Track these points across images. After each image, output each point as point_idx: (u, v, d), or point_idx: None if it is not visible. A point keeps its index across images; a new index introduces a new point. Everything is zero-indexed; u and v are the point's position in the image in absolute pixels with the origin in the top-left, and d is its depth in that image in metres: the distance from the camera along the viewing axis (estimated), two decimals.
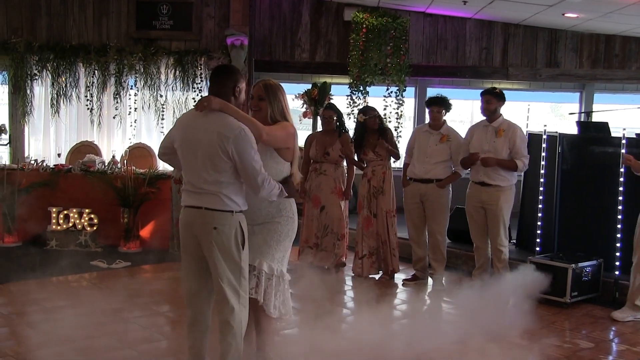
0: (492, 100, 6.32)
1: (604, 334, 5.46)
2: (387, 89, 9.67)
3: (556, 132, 7.17)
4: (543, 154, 7.09)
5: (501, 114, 6.40)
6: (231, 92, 3.78)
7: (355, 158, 7.14)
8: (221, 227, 3.69)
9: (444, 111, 6.68)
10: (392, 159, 7.14)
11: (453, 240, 7.78)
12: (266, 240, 4.00)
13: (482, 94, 6.42)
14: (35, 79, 9.72)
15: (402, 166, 7.14)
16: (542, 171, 7.10)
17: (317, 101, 9.81)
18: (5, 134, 8.65)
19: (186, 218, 3.81)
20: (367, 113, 7.04)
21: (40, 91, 9.87)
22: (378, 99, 9.73)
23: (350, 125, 8.02)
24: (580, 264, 6.17)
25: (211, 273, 3.76)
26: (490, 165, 6.23)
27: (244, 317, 3.78)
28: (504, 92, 6.49)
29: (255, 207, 3.97)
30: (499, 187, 6.27)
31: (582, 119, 9.22)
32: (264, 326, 4.12)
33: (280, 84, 4.10)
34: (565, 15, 8.97)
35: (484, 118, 6.44)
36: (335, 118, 7.15)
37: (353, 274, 7.10)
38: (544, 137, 7.07)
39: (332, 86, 10.03)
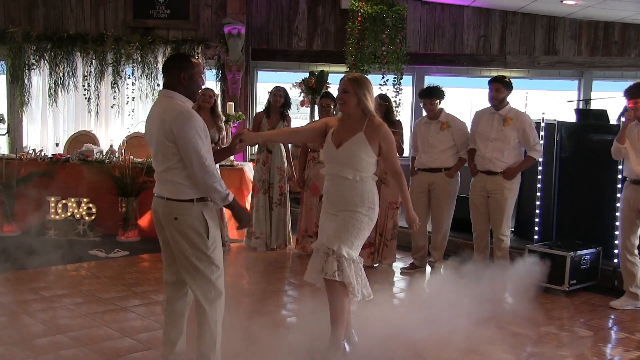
0: (502, 89, 6.24)
1: (602, 322, 5.44)
2: (383, 77, 9.62)
3: (554, 120, 7.14)
4: (541, 141, 7.05)
5: (508, 102, 6.34)
6: (178, 81, 3.71)
7: None
8: (181, 217, 3.67)
9: (437, 101, 6.64)
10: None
11: (453, 229, 7.76)
12: (347, 228, 4.14)
13: (490, 82, 6.34)
14: (33, 69, 9.68)
15: (409, 157, 7.13)
16: (540, 159, 7.07)
17: (315, 90, 9.76)
18: (4, 123, 8.62)
19: (153, 207, 3.83)
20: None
21: (38, 81, 9.83)
22: (375, 87, 9.66)
23: None
24: (579, 252, 6.15)
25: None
26: (514, 176, 6.20)
27: (219, 304, 3.77)
28: (510, 80, 6.42)
29: (339, 194, 4.20)
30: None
31: (580, 107, 9.18)
32: (344, 308, 4.22)
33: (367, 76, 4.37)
34: (564, 2, 8.91)
35: (489, 105, 6.38)
36: (332, 106, 7.11)
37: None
38: (542, 124, 7.03)
39: (330, 75, 9.98)
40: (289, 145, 7.97)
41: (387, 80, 9.61)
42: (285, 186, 7.48)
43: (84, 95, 9.64)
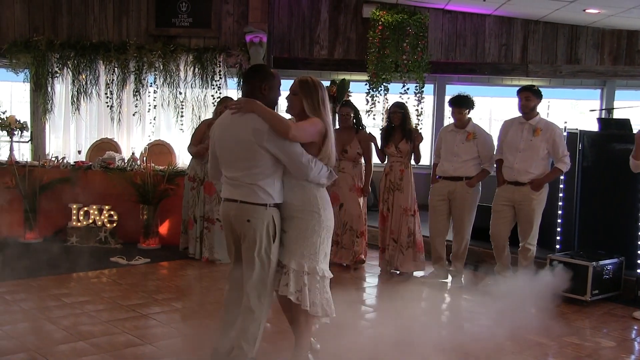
0: (532, 98, 6.17)
1: (625, 333, 5.39)
2: (403, 86, 9.61)
3: (577, 129, 7.09)
4: None
5: (538, 112, 6.27)
6: (259, 91, 3.94)
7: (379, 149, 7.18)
8: (254, 219, 3.87)
9: (467, 110, 6.60)
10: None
11: (474, 238, 7.73)
12: (292, 237, 4.00)
13: (519, 91, 6.26)
14: (56, 77, 9.78)
15: (431, 165, 7.12)
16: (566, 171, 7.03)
17: (336, 98, 9.75)
18: (27, 131, 8.71)
19: (224, 210, 4.04)
20: (391, 107, 7.07)
21: (61, 89, 9.93)
22: (396, 96, 9.67)
23: (369, 122, 7.98)
24: (601, 262, 6.10)
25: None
26: (541, 187, 6.15)
27: (266, 306, 3.95)
28: (539, 89, 6.37)
29: (286, 200, 4.04)
30: None
31: (602, 116, 9.11)
32: (300, 324, 4.09)
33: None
34: (587, 11, 8.87)
35: (519, 115, 6.31)
36: (352, 115, 7.12)
37: (381, 269, 7.11)
38: (565, 134, 6.99)
39: (351, 83, 9.97)
40: None
41: (408, 89, 9.60)
42: None
43: (106, 103, 9.73)
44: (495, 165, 6.52)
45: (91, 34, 9.91)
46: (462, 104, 6.58)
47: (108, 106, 9.73)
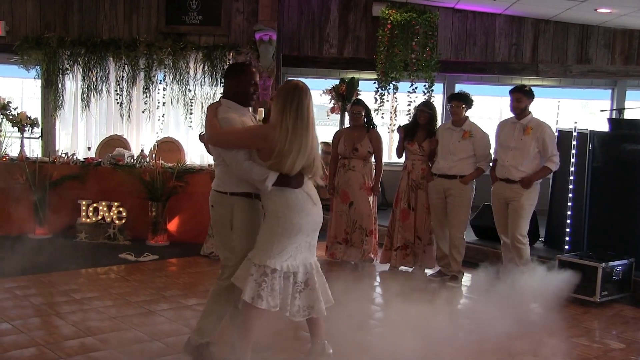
0: (523, 99, 6.23)
1: (636, 335, 5.35)
2: (411, 85, 9.59)
3: (587, 129, 7.06)
4: (573, 151, 6.99)
5: (530, 112, 6.30)
6: (228, 88, 4.26)
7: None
8: (217, 205, 4.19)
9: (464, 106, 6.61)
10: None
11: (480, 237, 7.71)
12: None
13: (511, 92, 6.32)
14: (67, 74, 9.83)
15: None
16: (571, 169, 7.00)
17: (345, 97, 9.78)
18: (37, 127, 8.74)
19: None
20: (419, 106, 7.08)
21: (71, 85, 9.97)
22: (404, 95, 9.67)
23: (377, 121, 7.97)
24: (611, 263, 6.07)
25: None
26: (530, 184, 6.16)
27: (227, 288, 4.16)
28: (533, 88, 6.41)
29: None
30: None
31: (613, 116, 9.07)
32: (243, 314, 4.15)
33: (304, 84, 4.02)
34: (598, 10, 8.82)
35: (513, 115, 6.37)
36: (363, 113, 7.12)
37: (383, 264, 7.11)
38: (574, 134, 6.96)
39: (360, 82, 9.99)
40: (320, 152, 7.97)
41: (416, 88, 9.58)
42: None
43: (116, 100, 9.76)
44: (491, 165, 6.56)
45: (102, 31, 9.94)
46: (460, 97, 6.63)
47: (118, 103, 9.76)
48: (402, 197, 7.01)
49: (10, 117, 8.50)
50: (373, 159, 7.17)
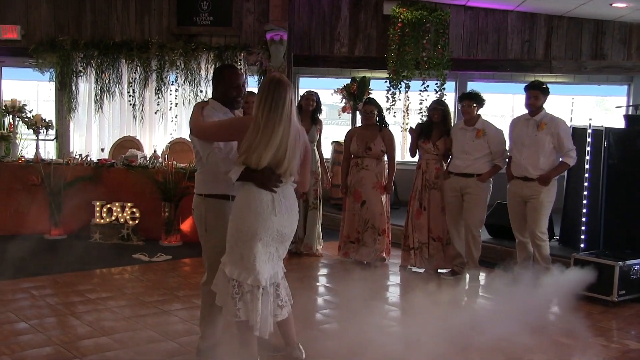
0: (540, 96, 6.17)
1: None
2: (423, 84, 9.56)
3: (602, 126, 7.00)
4: (588, 148, 6.93)
5: (543, 108, 6.26)
6: (214, 90, 4.28)
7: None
8: (195, 208, 4.22)
9: (475, 105, 6.56)
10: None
11: (493, 236, 7.66)
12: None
13: (528, 89, 6.25)
14: (80, 76, 9.89)
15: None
16: (586, 166, 6.94)
17: (357, 96, 9.76)
18: (52, 129, 8.79)
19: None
20: (432, 104, 7.08)
21: (85, 87, 10.04)
22: (416, 93, 9.64)
23: (389, 120, 7.96)
24: (628, 262, 6.00)
25: None
26: (549, 181, 6.11)
27: (209, 292, 4.05)
28: (547, 85, 6.35)
29: None
30: None
31: (629, 113, 8.98)
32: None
33: (282, 78, 3.92)
34: (613, 5, 8.74)
35: (526, 112, 6.32)
36: (376, 113, 7.11)
37: (395, 264, 7.10)
38: (589, 131, 6.90)
39: (372, 81, 9.97)
40: (331, 151, 7.99)
41: (427, 86, 9.55)
42: (319, 190, 7.48)
43: (129, 101, 9.80)
44: (507, 161, 6.51)
45: (114, 33, 9.99)
46: (471, 97, 6.58)
47: (130, 104, 9.81)
48: (415, 196, 7.00)
49: (26, 119, 8.56)
50: (385, 158, 7.15)
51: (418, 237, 6.96)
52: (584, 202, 6.98)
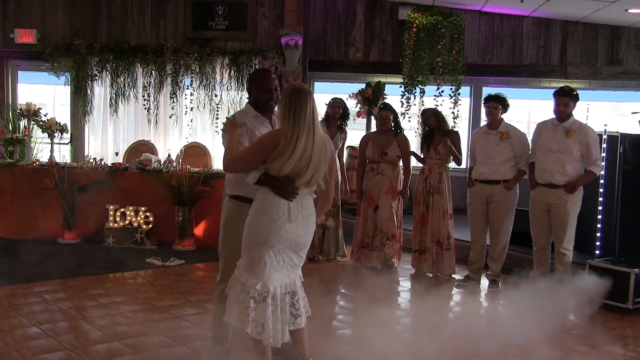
0: (570, 103, 6.10)
1: None
2: (438, 89, 9.51)
3: (617, 131, 6.93)
4: (603, 154, 6.84)
5: (572, 114, 6.18)
6: (250, 95, 4.31)
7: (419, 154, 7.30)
8: (223, 207, 4.27)
9: (500, 108, 6.51)
10: (454, 163, 7.06)
11: (511, 243, 7.60)
12: None
13: (557, 95, 6.14)
14: (96, 80, 9.92)
15: (467, 168, 7.09)
16: (602, 172, 6.87)
17: (371, 101, 9.73)
18: (67, 133, 8.81)
19: None
20: (423, 113, 7.13)
21: (100, 91, 10.07)
22: (431, 99, 9.60)
23: (404, 125, 7.96)
24: None
25: None
26: (575, 189, 6.06)
27: (221, 289, 4.06)
28: (577, 92, 6.29)
29: None
30: None
31: None
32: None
33: (302, 87, 3.90)
34: (629, 11, 8.66)
35: (553, 117, 6.21)
36: (391, 118, 7.11)
37: (406, 269, 7.13)
38: (605, 137, 6.83)
39: (386, 86, 9.93)
40: (345, 156, 7.96)
41: (442, 91, 9.50)
42: (338, 198, 7.46)
43: (144, 105, 9.82)
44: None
45: (129, 38, 10.02)
46: (497, 98, 6.52)
47: (145, 108, 9.82)
48: (420, 200, 7.01)
49: (40, 123, 8.59)
50: (401, 163, 7.13)
51: (423, 241, 7.00)
52: (599, 208, 6.89)
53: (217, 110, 9.67)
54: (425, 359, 4.53)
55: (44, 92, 11.30)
